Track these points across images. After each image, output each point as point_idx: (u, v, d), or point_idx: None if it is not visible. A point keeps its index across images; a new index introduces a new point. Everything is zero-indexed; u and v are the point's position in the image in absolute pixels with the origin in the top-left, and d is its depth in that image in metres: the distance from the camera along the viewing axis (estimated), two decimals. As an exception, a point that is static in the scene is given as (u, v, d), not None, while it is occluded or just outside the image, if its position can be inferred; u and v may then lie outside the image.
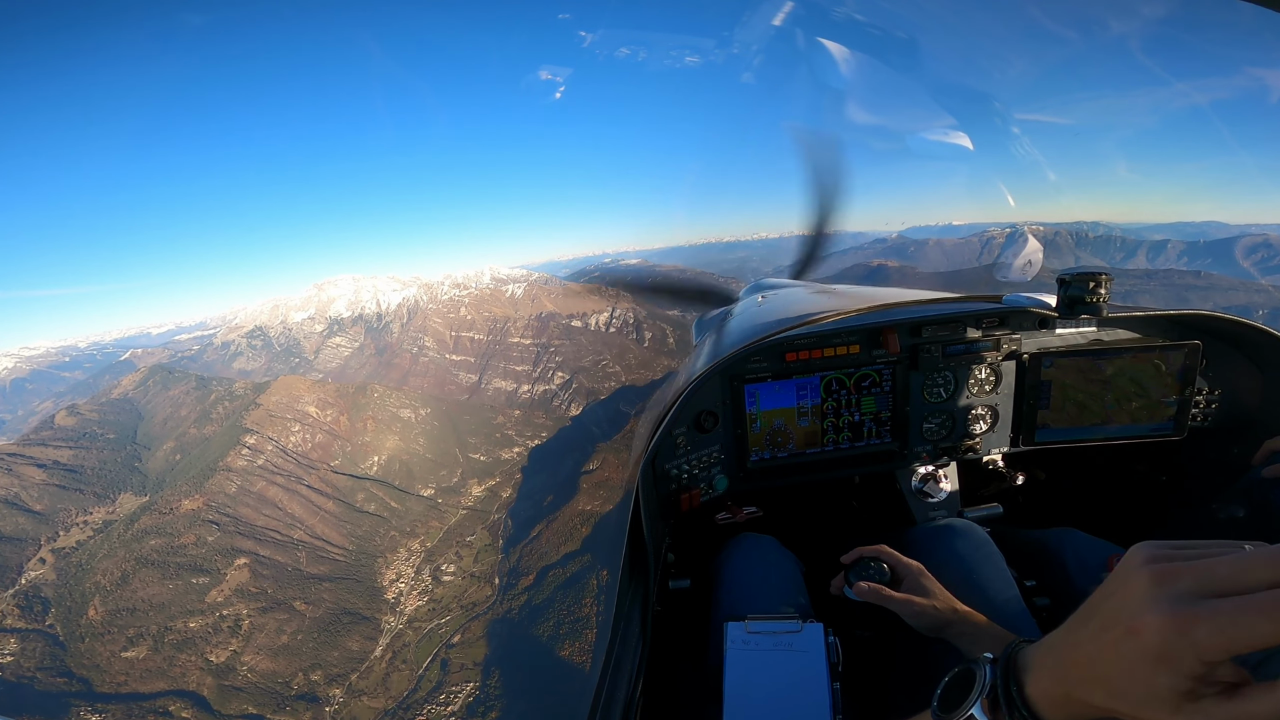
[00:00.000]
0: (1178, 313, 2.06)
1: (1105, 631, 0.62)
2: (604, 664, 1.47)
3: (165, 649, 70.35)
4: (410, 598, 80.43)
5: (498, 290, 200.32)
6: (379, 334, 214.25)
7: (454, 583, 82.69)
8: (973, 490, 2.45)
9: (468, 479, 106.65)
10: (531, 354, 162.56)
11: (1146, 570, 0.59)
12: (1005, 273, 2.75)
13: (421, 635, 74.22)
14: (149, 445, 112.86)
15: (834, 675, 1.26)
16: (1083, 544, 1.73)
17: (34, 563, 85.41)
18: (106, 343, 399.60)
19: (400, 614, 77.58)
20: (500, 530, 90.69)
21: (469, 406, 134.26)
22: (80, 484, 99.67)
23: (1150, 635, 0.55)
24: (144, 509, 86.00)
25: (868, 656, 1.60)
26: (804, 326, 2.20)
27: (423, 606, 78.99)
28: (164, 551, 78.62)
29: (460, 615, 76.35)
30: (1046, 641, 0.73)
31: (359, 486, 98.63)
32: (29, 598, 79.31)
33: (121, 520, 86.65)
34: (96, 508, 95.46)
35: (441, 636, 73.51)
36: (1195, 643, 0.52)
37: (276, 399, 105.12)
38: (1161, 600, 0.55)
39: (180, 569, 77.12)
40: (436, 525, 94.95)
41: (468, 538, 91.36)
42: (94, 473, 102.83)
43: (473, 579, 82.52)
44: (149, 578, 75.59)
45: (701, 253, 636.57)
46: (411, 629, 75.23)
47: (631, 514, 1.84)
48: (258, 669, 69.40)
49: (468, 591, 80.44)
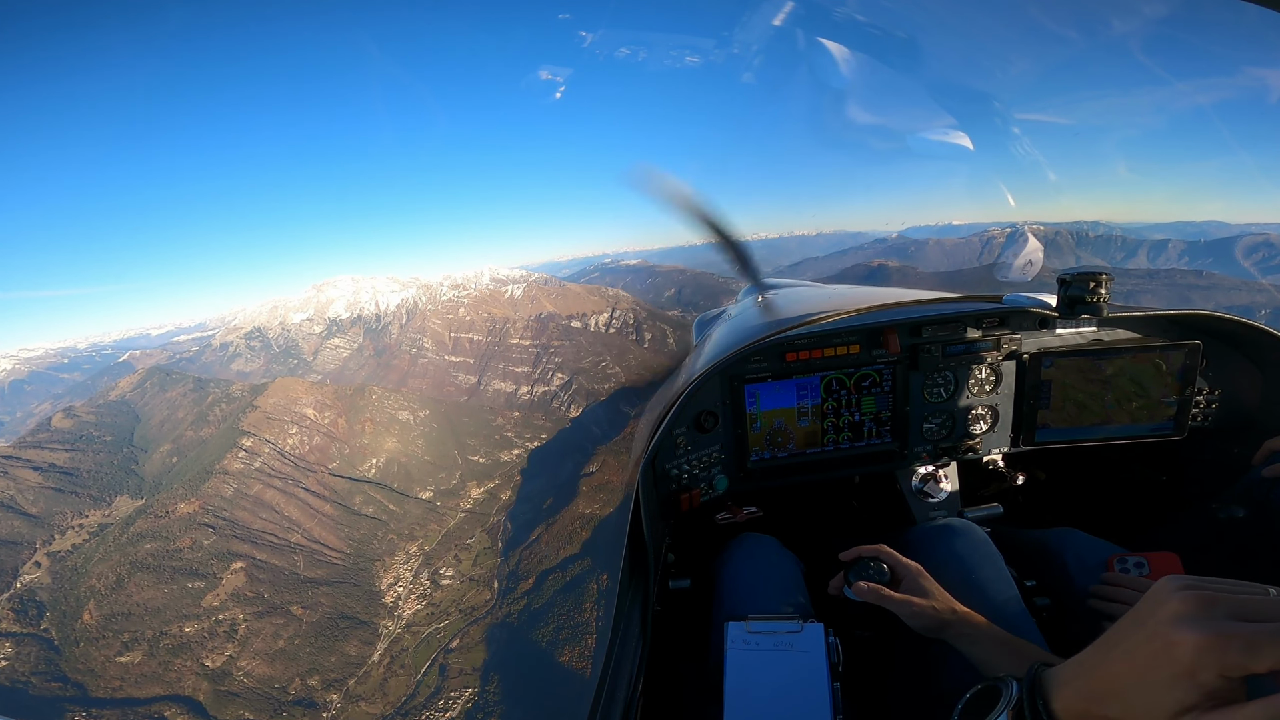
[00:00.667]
0: (1178, 313, 2.07)
1: (1139, 647, 0.67)
2: (604, 664, 1.48)
3: (160, 654, 69.89)
4: (408, 602, 79.78)
5: (497, 291, 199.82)
6: (378, 335, 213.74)
7: (453, 586, 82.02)
8: (973, 490, 2.44)
9: (467, 481, 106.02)
10: (531, 355, 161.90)
11: (1188, 594, 0.65)
12: (1005, 273, 2.76)
13: (420, 640, 73.62)
14: (146, 448, 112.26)
15: (834, 675, 1.26)
16: (1083, 544, 1.74)
17: (29, 566, 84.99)
18: (106, 344, 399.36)
19: (398, 618, 76.95)
20: (499, 533, 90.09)
21: (468, 408, 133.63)
22: (76, 487, 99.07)
23: (1186, 650, 0.61)
24: (139, 512, 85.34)
25: (868, 656, 1.61)
26: (804, 326, 2.20)
27: (421, 611, 78.35)
28: (159, 555, 77.97)
29: (459, 619, 75.72)
30: (1075, 660, 0.78)
31: (357, 489, 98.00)
32: (24, 601, 78.92)
33: (117, 524, 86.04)
34: (92, 511, 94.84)
35: (440, 641, 72.91)
36: (1224, 659, 0.58)
37: (274, 401, 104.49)
38: (1203, 620, 0.61)
39: (176, 573, 76.44)
40: (435, 528, 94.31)
41: (466, 541, 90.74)
42: (90, 475, 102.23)
43: (471, 583, 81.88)
44: (144, 582, 74.92)
45: (702, 253, 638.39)
46: (410, 633, 74.62)
47: (631, 514, 1.85)
48: (254, 674, 68.82)
49: (466, 595, 79.80)
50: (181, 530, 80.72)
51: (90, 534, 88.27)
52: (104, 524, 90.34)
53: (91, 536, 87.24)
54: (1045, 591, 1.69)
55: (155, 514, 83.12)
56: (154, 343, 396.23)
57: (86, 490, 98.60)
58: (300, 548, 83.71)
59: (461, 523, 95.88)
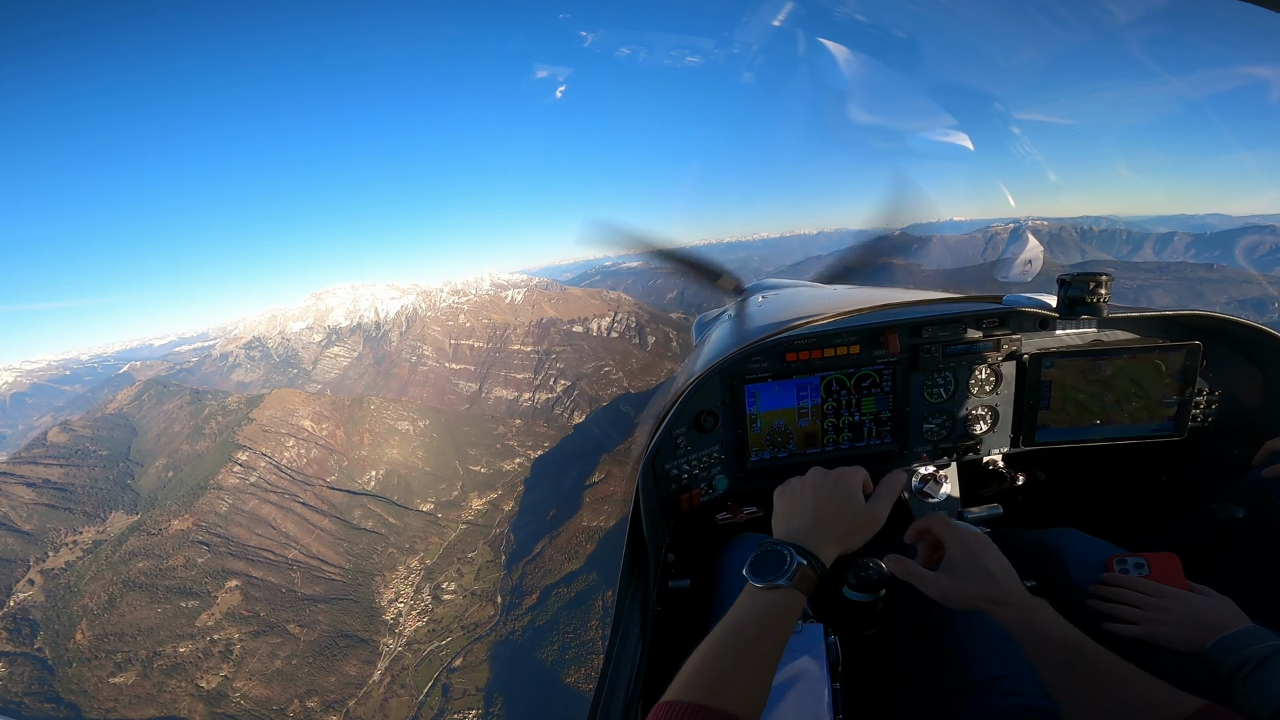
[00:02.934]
0: (1178, 313, 2.10)
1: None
2: (604, 664, 1.52)
3: (154, 674, 68.23)
4: (410, 618, 77.64)
5: (497, 296, 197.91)
6: (377, 343, 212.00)
7: (455, 602, 79.86)
8: (973, 490, 2.45)
9: (468, 492, 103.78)
10: (532, 361, 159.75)
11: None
12: (1006, 272, 2.75)
13: (421, 658, 71.59)
14: (142, 462, 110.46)
15: (834, 675, 1.27)
16: (1083, 544, 1.74)
17: (22, 584, 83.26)
18: (108, 355, 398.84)
19: (399, 635, 74.87)
20: (502, 545, 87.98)
21: (469, 417, 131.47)
22: (70, 503, 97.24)
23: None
24: (132, 529, 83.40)
25: (868, 656, 1.62)
26: (804, 326, 2.21)
27: (422, 627, 76.24)
28: (152, 574, 75.93)
29: (462, 636, 73.60)
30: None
31: (356, 502, 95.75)
32: (17, 620, 77.26)
33: (110, 541, 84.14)
34: (87, 527, 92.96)
35: (442, 660, 70.87)
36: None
37: (270, 413, 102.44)
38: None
39: (169, 592, 74.42)
40: (436, 541, 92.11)
41: (469, 554, 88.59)
42: (85, 491, 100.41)
43: (474, 598, 79.74)
44: (136, 601, 72.92)
45: (703, 253, 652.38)
46: (411, 651, 72.57)
47: (632, 514, 1.88)
48: (250, 695, 66.95)
49: (469, 611, 77.66)
50: (175, 548, 78.66)
51: (84, 551, 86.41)
52: (98, 540, 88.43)
53: (85, 554, 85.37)
54: (1045, 591, 1.67)
55: (148, 531, 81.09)
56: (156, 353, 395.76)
57: (80, 506, 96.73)
58: (297, 564, 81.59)
59: (463, 535, 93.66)
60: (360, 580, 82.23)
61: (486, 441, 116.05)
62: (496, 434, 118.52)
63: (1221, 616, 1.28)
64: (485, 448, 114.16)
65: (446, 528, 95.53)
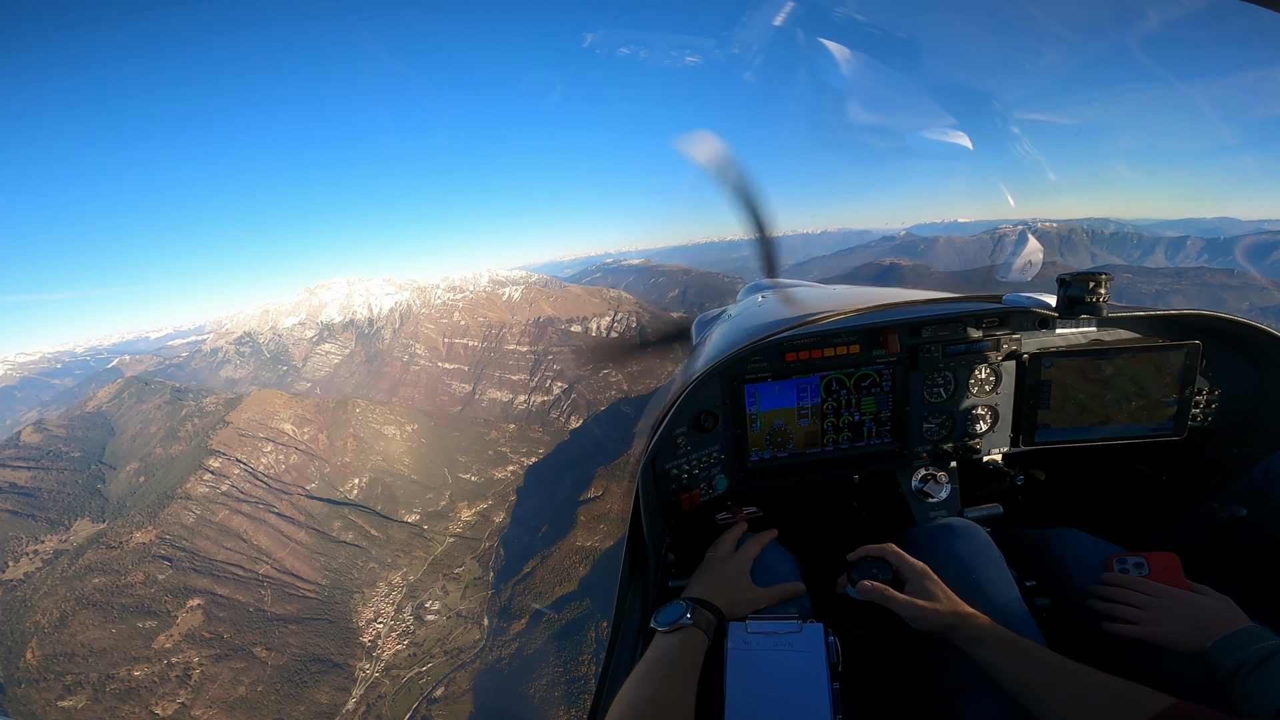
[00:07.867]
0: (1177, 312, 2.11)
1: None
2: (604, 664, 1.52)
3: (106, 699, 62.90)
4: (389, 640, 71.97)
5: (494, 293, 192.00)
6: (370, 340, 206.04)
7: (438, 623, 74.14)
8: (973, 490, 2.45)
9: (457, 502, 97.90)
10: (528, 362, 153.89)
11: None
12: (1005, 272, 2.74)
13: (400, 685, 66.01)
14: (115, 465, 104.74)
15: (834, 675, 1.27)
16: (1083, 544, 1.74)
17: (-21, 596, 77.71)
18: (103, 348, 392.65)
19: (377, 660, 69.23)
20: (491, 560, 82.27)
21: (460, 421, 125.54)
22: (34, 509, 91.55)
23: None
24: (91, 542, 77.64)
25: (868, 656, 1.64)
26: (804, 326, 2.22)
27: (402, 651, 70.57)
28: (107, 591, 70.18)
29: (444, 662, 67.92)
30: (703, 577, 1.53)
31: (336, 513, 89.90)
32: (-29, 635, 71.66)
33: (69, 553, 78.42)
34: (49, 536, 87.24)
35: (423, 688, 65.27)
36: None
37: (249, 416, 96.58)
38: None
39: (125, 611, 68.68)
40: (421, 555, 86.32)
41: (455, 569, 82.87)
42: (51, 496, 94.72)
43: (459, 619, 74.00)
44: (89, 620, 67.20)
45: (703, 252, 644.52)
46: (389, 678, 67.00)
47: (632, 514, 1.90)
48: (211, 725, 61.34)
49: (453, 634, 71.95)
50: (134, 563, 72.89)
51: (44, 562, 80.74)
52: (60, 550, 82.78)
53: (45, 564, 79.71)
54: (1045, 591, 1.70)
55: (108, 544, 75.30)
56: (151, 347, 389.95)
57: (44, 513, 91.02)
58: (269, 580, 75.84)
59: (450, 549, 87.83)
60: (337, 598, 76.48)
61: (478, 447, 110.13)
62: (489, 439, 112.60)
63: (1222, 616, 1.29)
64: (476, 454, 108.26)
65: (433, 540, 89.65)
